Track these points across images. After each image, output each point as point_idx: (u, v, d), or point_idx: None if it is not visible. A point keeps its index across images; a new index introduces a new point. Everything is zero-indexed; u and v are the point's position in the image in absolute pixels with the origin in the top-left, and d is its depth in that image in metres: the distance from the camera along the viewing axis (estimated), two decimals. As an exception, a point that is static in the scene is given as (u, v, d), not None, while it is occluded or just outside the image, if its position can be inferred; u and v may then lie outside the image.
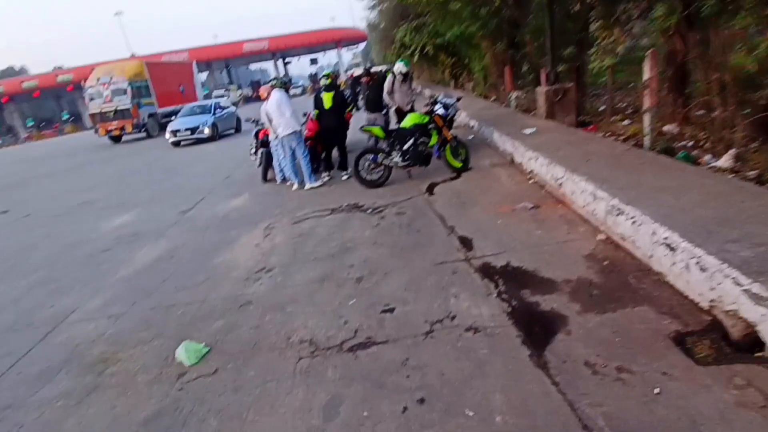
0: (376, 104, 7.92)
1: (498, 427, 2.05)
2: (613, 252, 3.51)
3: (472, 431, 2.05)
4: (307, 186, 6.82)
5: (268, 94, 6.78)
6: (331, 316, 3.16)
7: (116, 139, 21.51)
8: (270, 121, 6.69)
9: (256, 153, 8.06)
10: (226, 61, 49.90)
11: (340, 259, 4.13)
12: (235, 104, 38.80)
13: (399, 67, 7.76)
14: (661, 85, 5.42)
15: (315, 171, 7.17)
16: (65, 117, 49.86)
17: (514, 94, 11.17)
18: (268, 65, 60.17)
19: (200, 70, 53.60)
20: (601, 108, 9.77)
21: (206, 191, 7.85)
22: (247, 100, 45.74)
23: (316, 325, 3.07)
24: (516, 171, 6.25)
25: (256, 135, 7.86)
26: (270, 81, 6.81)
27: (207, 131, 15.90)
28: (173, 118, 18.98)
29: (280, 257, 4.38)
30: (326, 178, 7.22)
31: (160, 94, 22.76)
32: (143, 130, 21.26)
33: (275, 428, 2.22)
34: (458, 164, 6.50)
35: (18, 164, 19.76)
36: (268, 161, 7.63)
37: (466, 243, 4.09)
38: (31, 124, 49.49)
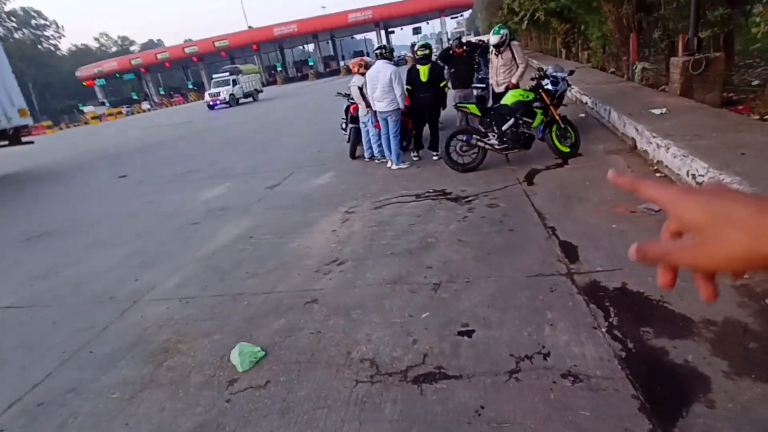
0: (465, 79, 7.10)
1: None
2: (780, 286, 2.61)
3: None
4: (394, 167, 6.40)
5: (366, 66, 6.39)
6: (399, 331, 2.74)
7: None
8: (363, 95, 6.31)
9: (345, 128, 7.81)
10: (331, 33, 50.66)
11: (418, 257, 3.68)
12: (251, 95, 28.57)
13: (491, 36, 6.79)
14: None
15: (404, 150, 6.72)
16: (190, 86, 54.94)
17: (639, 66, 9.58)
18: (371, 35, 60.10)
19: (307, 42, 55.34)
20: (755, 83, 7.96)
21: (296, 165, 7.81)
22: (350, 71, 46.18)
23: (381, 340, 2.68)
24: (638, 160, 5.23)
25: (347, 110, 7.57)
26: (376, 50, 6.31)
27: None
28: None
29: (354, 248, 4.04)
30: (415, 159, 6.74)
31: None
32: None
33: (317, 474, 1.89)
34: (565, 149, 5.62)
35: (150, 129, 21.97)
36: (357, 138, 7.34)
37: (570, 251, 3.40)
38: (162, 92, 55.36)
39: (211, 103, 27.16)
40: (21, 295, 4.17)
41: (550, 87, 5.72)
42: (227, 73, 29.22)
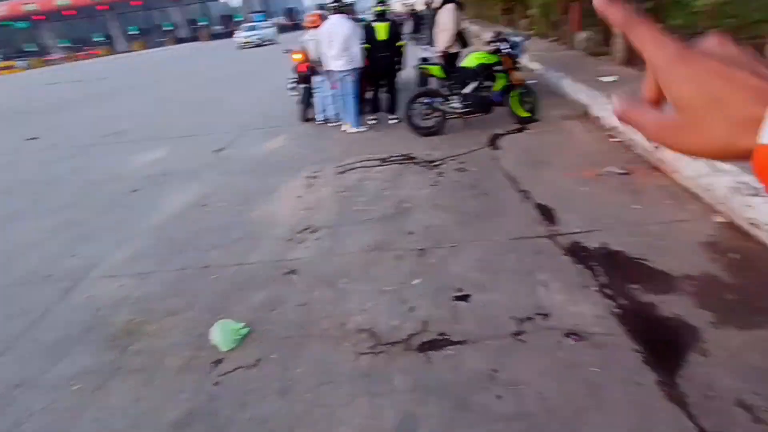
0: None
1: (635, 492, 1.54)
2: (743, 242, 2.81)
3: (601, 496, 1.54)
4: (352, 130, 6.14)
5: (322, 20, 5.95)
6: (393, 298, 2.64)
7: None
8: (322, 51, 5.89)
9: (295, 88, 7.34)
10: (260, -14, 47.41)
11: (396, 222, 3.56)
12: None
13: None
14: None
15: (360, 113, 6.45)
16: (99, 38, 49.20)
17: (582, 35, 9.88)
18: (304, -10, 56.90)
19: (232, -5, 51.29)
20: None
21: (241, 128, 7.27)
22: (282, 29, 43.85)
23: (376, 309, 2.56)
24: (593, 126, 5.39)
25: (296, 69, 7.09)
26: (332, 2, 5.85)
27: None
28: None
29: (326, 215, 3.84)
30: (372, 122, 6.51)
31: None
32: None
33: (335, 454, 1.77)
34: (525, 114, 5.67)
35: (53, 87, 19.45)
36: (308, 98, 6.92)
37: (547, 214, 3.44)
38: (63, 44, 49.01)
39: None
40: (-72, 276, 3.53)
41: (508, 51, 5.69)
42: None
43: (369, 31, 6.06)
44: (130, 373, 2.28)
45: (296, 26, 41.01)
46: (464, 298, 2.58)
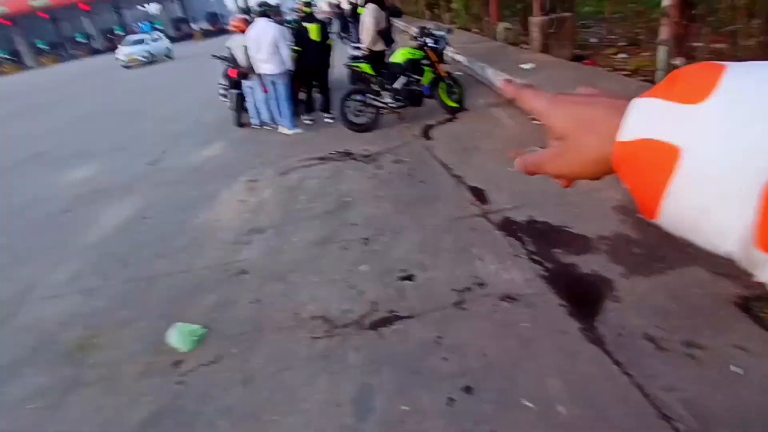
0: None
1: (563, 419, 1.78)
2: (645, 202, 3.21)
3: (535, 427, 1.77)
4: (288, 132, 6.19)
5: (248, 24, 5.92)
6: (342, 285, 2.78)
7: None
8: (248, 56, 5.88)
9: (227, 95, 7.25)
10: (177, -10, 45.48)
11: (339, 216, 3.70)
12: None
13: None
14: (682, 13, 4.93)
15: (294, 114, 6.51)
16: (3, 54, 45.08)
17: (501, 26, 10.43)
18: (225, -5, 55.18)
19: (149, 0, 48.80)
20: (592, 40, 9.26)
21: (174, 138, 7.09)
22: (206, 34, 42.38)
23: (327, 297, 2.70)
24: (517, 111, 5.79)
25: (225, 74, 7.01)
26: (258, 5, 5.86)
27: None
28: None
29: (270, 215, 3.90)
30: (308, 123, 6.58)
31: None
32: None
33: (300, 430, 1.90)
34: (454, 104, 5.97)
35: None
36: (241, 104, 6.87)
37: (479, 195, 3.72)
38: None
39: None
40: None
41: (433, 45, 5.96)
42: None
43: (301, 33, 6.12)
44: (88, 385, 2.28)
45: (221, 31, 39.81)
46: (408, 277, 2.77)
